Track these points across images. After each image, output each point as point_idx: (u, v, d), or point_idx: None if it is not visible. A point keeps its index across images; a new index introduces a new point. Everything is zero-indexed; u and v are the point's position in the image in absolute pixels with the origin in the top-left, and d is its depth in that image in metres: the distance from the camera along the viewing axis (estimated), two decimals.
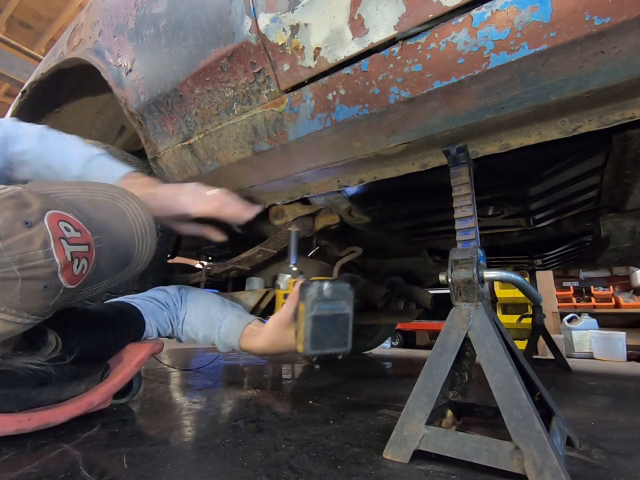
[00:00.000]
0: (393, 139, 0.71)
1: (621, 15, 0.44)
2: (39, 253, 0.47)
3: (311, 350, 0.67)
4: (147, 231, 0.68)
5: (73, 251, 0.51)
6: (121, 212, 0.66)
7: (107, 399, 0.78)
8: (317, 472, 0.53)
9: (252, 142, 0.82)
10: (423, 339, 4.07)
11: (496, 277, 0.63)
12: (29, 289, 0.47)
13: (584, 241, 1.40)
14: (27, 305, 0.48)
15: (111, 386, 0.78)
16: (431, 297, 1.70)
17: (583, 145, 0.82)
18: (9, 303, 0.47)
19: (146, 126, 1.00)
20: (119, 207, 0.66)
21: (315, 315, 0.66)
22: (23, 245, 0.46)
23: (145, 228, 0.68)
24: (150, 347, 0.87)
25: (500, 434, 0.54)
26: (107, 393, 0.77)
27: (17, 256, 0.46)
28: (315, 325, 0.66)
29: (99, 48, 1.04)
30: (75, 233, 0.52)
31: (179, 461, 0.56)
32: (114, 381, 0.79)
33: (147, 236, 0.68)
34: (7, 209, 0.47)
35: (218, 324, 0.92)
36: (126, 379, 0.82)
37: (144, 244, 0.68)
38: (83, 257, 0.53)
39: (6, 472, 0.51)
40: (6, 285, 0.46)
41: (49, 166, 0.76)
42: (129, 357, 0.84)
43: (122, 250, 0.66)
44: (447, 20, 0.53)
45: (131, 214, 0.67)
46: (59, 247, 0.49)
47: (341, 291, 0.69)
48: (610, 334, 2.95)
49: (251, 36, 0.70)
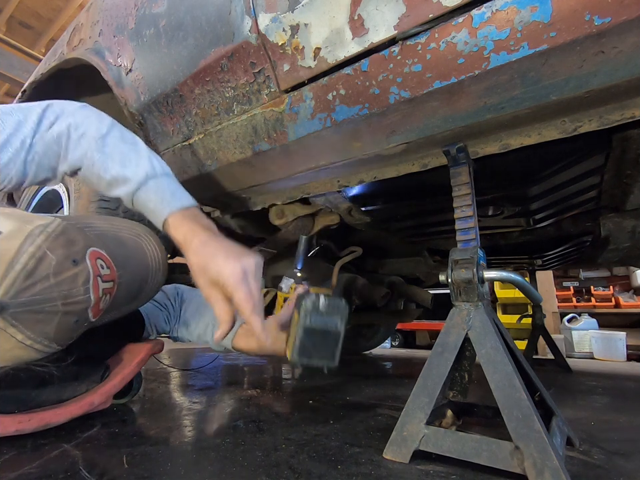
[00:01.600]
0: (393, 139, 0.71)
1: (620, 15, 0.44)
2: (80, 290, 0.50)
3: (297, 358, 0.68)
4: (159, 268, 0.71)
5: (104, 288, 0.54)
6: (142, 250, 0.69)
7: (108, 399, 0.79)
8: (317, 472, 0.53)
9: (252, 142, 0.82)
10: (423, 338, 4.06)
11: (496, 277, 0.63)
12: (65, 322, 0.50)
13: (584, 240, 1.40)
14: (58, 336, 0.51)
15: (111, 386, 0.78)
16: (430, 296, 1.70)
17: (583, 145, 0.82)
18: (44, 334, 0.49)
19: (146, 126, 1.00)
20: (141, 245, 0.70)
21: (307, 327, 0.67)
22: (70, 282, 0.49)
23: (159, 265, 0.71)
24: (150, 347, 0.87)
25: (500, 434, 0.54)
26: (108, 393, 0.77)
27: (63, 292, 0.48)
28: (305, 335, 0.67)
29: (99, 48, 1.04)
30: (106, 270, 0.55)
31: (179, 461, 0.56)
32: (114, 381, 0.79)
33: (159, 273, 0.72)
34: (59, 247, 0.49)
35: (212, 324, 0.92)
36: (126, 379, 0.82)
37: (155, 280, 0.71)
38: (109, 293, 0.56)
39: (6, 472, 0.51)
40: (48, 317, 0.48)
41: (100, 177, 0.67)
42: (129, 357, 0.84)
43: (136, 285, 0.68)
44: (447, 20, 0.53)
45: (151, 253, 0.70)
46: (95, 285, 0.52)
47: (336, 307, 0.69)
48: (610, 334, 2.94)
49: (251, 36, 0.70)
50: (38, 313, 0.47)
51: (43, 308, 0.47)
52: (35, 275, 0.46)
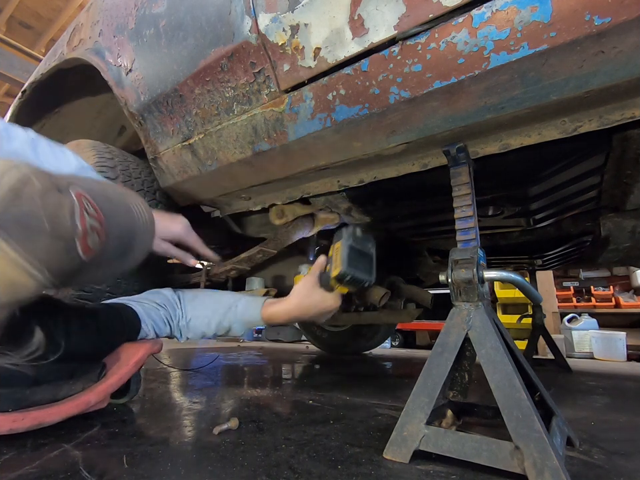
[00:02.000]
0: (392, 139, 0.71)
1: (621, 15, 0.44)
2: (66, 216, 0.51)
3: (347, 268, 0.80)
4: (147, 229, 0.71)
5: (91, 224, 0.54)
6: (128, 207, 0.69)
7: (104, 399, 0.78)
8: (317, 472, 0.53)
9: (252, 142, 0.82)
10: (423, 339, 4.06)
11: (496, 277, 0.63)
12: (54, 246, 0.51)
13: (584, 240, 1.40)
14: (49, 259, 0.51)
15: (107, 385, 0.77)
16: (431, 296, 1.70)
17: (583, 145, 0.82)
18: (34, 254, 0.49)
19: (146, 126, 1.00)
20: (127, 202, 0.70)
21: (351, 245, 0.82)
22: (55, 206, 0.50)
23: (146, 226, 0.70)
24: (148, 346, 0.86)
25: (500, 434, 0.54)
26: (104, 393, 0.77)
27: (49, 211, 0.49)
28: (351, 251, 0.82)
29: (99, 48, 1.04)
30: (92, 210, 0.56)
31: (179, 461, 0.56)
32: (111, 380, 0.78)
33: (147, 235, 0.71)
34: (43, 178, 0.51)
35: (234, 305, 0.93)
36: (124, 378, 0.81)
37: (143, 241, 0.71)
38: (96, 232, 0.56)
39: (6, 472, 0.51)
40: (36, 235, 0.49)
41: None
42: (126, 356, 0.84)
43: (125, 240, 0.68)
44: (447, 20, 0.53)
45: (137, 211, 0.70)
46: (82, 216, 0.53)
47: (367, 236, 0.88)
48: (610, 334, 2.94)
49: (251, 36, 0.70)
50: (26, 228, 0.48)
51: (30, 223, 0.48)
52: (22, 195, 0.48)
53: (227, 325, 0.93)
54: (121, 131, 1.50)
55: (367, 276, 0.84)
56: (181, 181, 1.03)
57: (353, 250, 0.82)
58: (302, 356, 2.34)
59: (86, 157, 1.03)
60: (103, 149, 1.08)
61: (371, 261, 0.86)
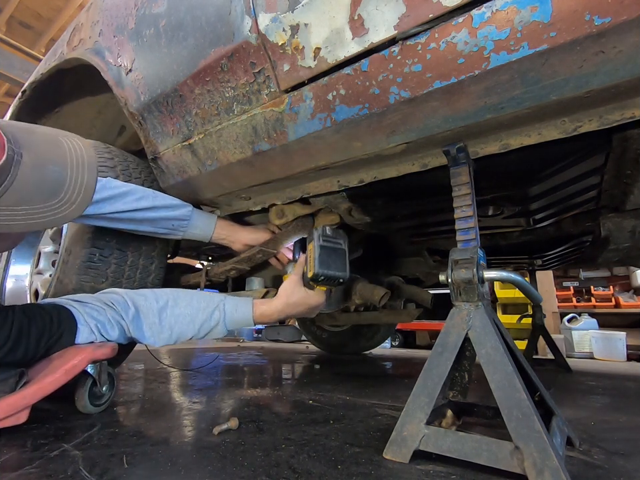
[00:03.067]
0: (392, 139, 0.71)
1: (621, 15, 0.44)
2: None
3: (318, 269, 0.85)
4: (84, 165, 0.64)
5: None
6: (57, 141, 0.63)
7: (19, 414, 0.65)
8: (317, 472, 0.53)
9: (252, 142, 0.82)
10: (423, 339, 4.06)
11: (496, 277, 0.63)
12: None
13: (584, 240, 1.40)
14: None
15: (19, 398, 0.65)
16: (431, 296, 1.70)
17: (583, 145, 0.82)
18: None
19: (146, 126, 1.00)
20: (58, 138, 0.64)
21: (321, 245, 0.87)
22: None
23: (83, 161, 0.64)
24: (88, 351, 0.76)
25: (500, 434, 0.54)
26: (14, 406, 0.64)
27: None
28: (322, 251, 0.87)
29: (99, 48, 1.04)
30: None
31: (179, 461, 0.56)
32: (27, 391, 0.66)
33: (84, 170, 0.63)
34: None
35: (221, 302, 0.90)
36: (45, 389, 0.68)
37: (78, 177, 0.63)
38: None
39: (6, 472, 0.51)
40: None
41: None
42: (59, 363, 0.73)
43: (50, 174, 0.61)
44: (447, 20, 0.53)
45: (69, 146, 0.63)
46: None
47: (338, 233, 0.93)
48: (610, 334, 2.94)
49: (251, 36, 0.70)
50: None
51: None
52: None
53: (212, 325, 0.89)
54: (121, 131, 1.50)
55: (341, 272, 0.89)
56: (181, 180, 1.03)
57: (324, 249, 0.87)
58: (302, 356, 2.34)
59: None
60: (103, 149, 1.08)
61: (344, 257, 0.90)
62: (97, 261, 0.97)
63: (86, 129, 1.45)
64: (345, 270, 0.89)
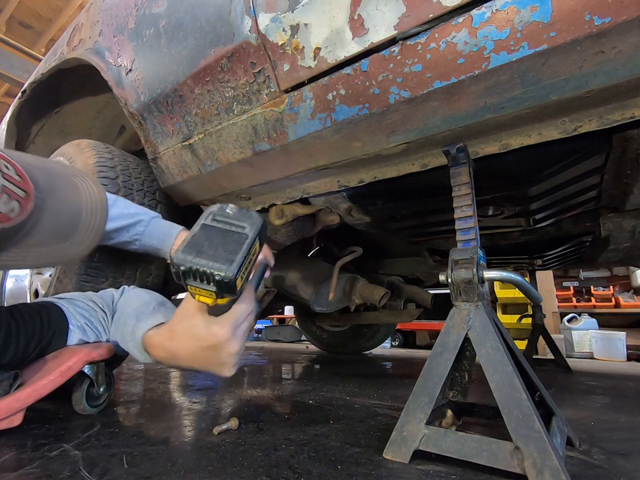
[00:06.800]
0: (392, 139, 0.71)
1: (621, 14, 0.44)
2: None
3: (180, 255, 0.52)
4: (97, 209, 0.64)
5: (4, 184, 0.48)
6: (73, 183, 0.63)
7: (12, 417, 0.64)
8: (317, 472, 0.53)
9: (252, 142, 0.82)
10: (423, 339, 4.06)
11: (496, 277, 0.63)
12: None
13: (584, 240, 1.40)
14: None
15: (13, 400, 0.63)
16: (431, 296, 1.70)
17: (583, 145, 0.82)
18: None
19: (146, 126, 1.00)
20: (72, 179, 0.64)
21: (205, 224, 0.56)
22: None
23: (96, 206, 0.64)
24: (84, 352, 0.74)
25: (500, 434, 0.54)
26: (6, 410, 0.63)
27: None
28: (201, 232, 0.55)
29: (99, 48, 1.04)
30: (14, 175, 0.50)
31: (179, 461, 0.56)
32: (20, 394, 0.65)
33: (97, 214, 0.64)
34: None
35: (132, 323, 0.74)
36: (40, 391, 0.67)
37: (91, 221, 0.63)
38: (15, 199, 0.50)
39: (6, 472, 0.51)
40: None
41: None
42: (54, 364, 0.71)
43: (66, 218, 0.61)
44: (447, 20, 0.53)
45: (84, 188, 0.63)
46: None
47: (247, 215, 0.58)
48: (610, 334, 2.94)
49: (251, 36, 0.70)
50: None
51: None
52: None
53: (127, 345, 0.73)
54: (121, 131, 1.50)
55: (219, 262, 0.52)
56: (181, 181, 1.03)
57: (207, 230, 0.56)
58: (302, 356, 2.34)
59: (86, 157, 1.03)
60: (103, 148, 1.08)
61: (239, 245, 0.55)
62: (97, 260, 0.97)
63: (86, 129, 1.45)
64: (230, 263, 0.51)
